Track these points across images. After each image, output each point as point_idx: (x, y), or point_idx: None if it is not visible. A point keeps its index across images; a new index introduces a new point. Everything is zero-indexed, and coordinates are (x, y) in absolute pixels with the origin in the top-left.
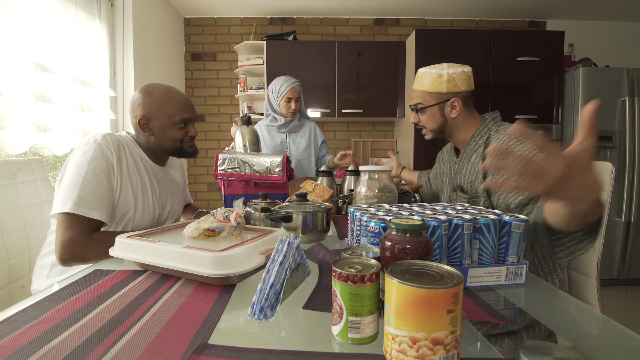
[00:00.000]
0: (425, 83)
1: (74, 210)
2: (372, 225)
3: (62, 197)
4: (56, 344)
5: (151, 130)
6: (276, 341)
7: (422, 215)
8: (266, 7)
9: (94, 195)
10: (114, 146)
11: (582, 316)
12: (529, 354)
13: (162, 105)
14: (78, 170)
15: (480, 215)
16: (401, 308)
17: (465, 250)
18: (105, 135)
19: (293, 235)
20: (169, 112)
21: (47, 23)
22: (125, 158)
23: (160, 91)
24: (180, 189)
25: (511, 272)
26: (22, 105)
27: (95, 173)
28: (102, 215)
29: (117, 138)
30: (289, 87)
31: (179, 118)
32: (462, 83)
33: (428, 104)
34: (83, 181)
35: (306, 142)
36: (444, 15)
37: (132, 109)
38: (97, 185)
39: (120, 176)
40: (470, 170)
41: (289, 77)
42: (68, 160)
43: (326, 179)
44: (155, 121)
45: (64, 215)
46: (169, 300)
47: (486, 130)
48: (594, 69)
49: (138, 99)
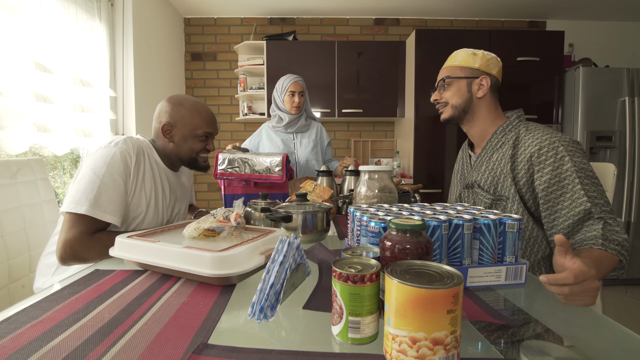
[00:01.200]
0: (459, 58)
1: (89, 212)
2: (372, 225)
3: (77, 197)
4: (56, 344)
5: (172, 138)
6: (276, 341)
7: (422, 215)
8: (266, 7)
9: (109, 199)
10: (134, 150)
11: (582, 316)
12: (529, 354)
13: (188, 116)
14: (96, 172)
15: (480, 215)
16: (401, 308)
17: (465, 250)
18: (127, 139)
19: (293, 235)
20: (194, 124)
21: (47, 23)
22: (143, 163)
23: (190, 103)
24: (188, 194)
25: (511, 271)
26: (22, 105)
27: (113, 176)
28: (116, 219)
29: (138, 143)
30: (292, 81)
31: (202, 131)
32: (494, 67)
33: (456, 75)
34: (100, 183)
35: (313, 142)
36: (444, 15)
37: (158, 115)
38: (114, 189)
39: (136, 181)
40: (491, 169)
41: (291, 74)
42: (85, 160)
43: (326, 179)
44: (178, 130)
45: (72, 214)
46: (169, 301)
47: (511, 128)
48: (594, 69)
49: (166, 106)
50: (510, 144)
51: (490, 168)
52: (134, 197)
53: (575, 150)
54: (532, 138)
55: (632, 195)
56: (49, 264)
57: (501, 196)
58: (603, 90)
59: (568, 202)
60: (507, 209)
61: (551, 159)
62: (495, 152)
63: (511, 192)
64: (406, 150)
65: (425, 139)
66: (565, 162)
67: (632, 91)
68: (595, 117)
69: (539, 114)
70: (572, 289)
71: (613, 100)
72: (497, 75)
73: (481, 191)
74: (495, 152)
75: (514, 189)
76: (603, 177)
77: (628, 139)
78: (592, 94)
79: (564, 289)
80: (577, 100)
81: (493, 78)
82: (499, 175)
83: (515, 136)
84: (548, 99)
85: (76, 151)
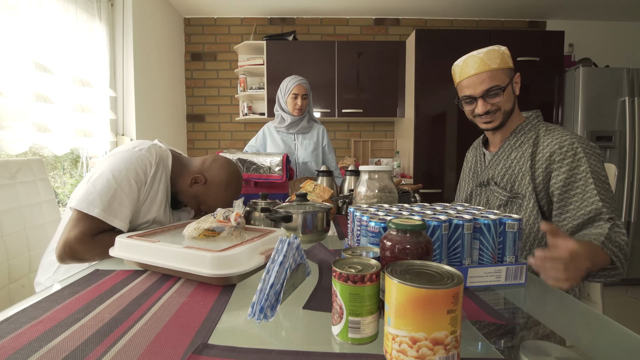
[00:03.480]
0: (495, 60)
1: (100, 215)
2: (372, 225)
3: (90, 197)
4: (56, 344)
5: (190, 185)
6: (276, 341)
7: (422, 215)
8: (266, 7)
9: (121, 204)
10: (155, 160)
11: (582, 316)
12: (529, 354)
13: (223, 190)
14: (115, 175)
15: (480, 215)
16: (401, 308)
17: (465, 250)
18: (151, 147)
19: (293, 235)
20: (219, 196)
21: (47, 23)
22: (159, 174)
23: (234, 180)
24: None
25: (511, 272)
26: (22, 105)
27: (130, 181)
28: (123, 225)
29: (160, 152)
30: (295, 84)
31: (220, 202)
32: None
33: (505, 83)
34: (117, 187)
35: (314, 144)
36: (444, 15)
37: (204, 161)
38: (128, 194)
39: (150, 189)
40: (509, 167)
41: (297, 75)
42: (105, 160)
43: (326, 179)
44: (204, 189)
45: (81, 213)
46: (169, 301)
47: (530, 127)
48: (594, 69)
49: (217, 166)
50: (530, 142)
51: (507, 166)
52: (145, 204)
53: (592, 154)
54: (552, 137)
55: (632, 195)
56: (52, 261)
57: (517, 194)
58: (603, 90)
59: (580, 202)
60: (522, 207)
61: (569, 158)
62: (514, 150)
63: (528, 190)
64: (406, 150)
65: (425, 139)
66: (582, 163)
67: (632, 91)
68: (595, 117)
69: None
70: (567, 265)
71: (613, 100)
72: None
73: (497, 188)
74: (514, 151)
75: (532, 187)
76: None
77: (628, 139)
78: (592, 94)
79: (559, 265)
80: (577, 100)
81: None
82: (517, 173)
83: (535, 135)
84: (548, 99)
85: (76, 151)
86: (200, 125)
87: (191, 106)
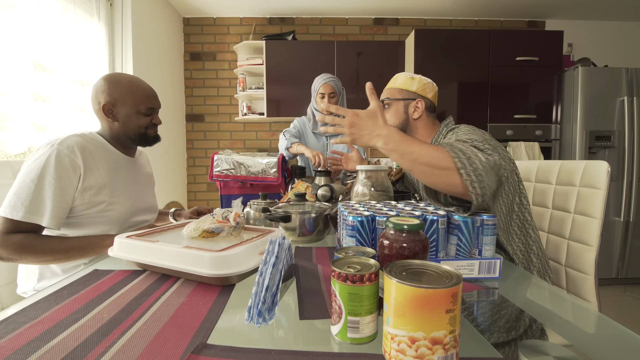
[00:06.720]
0: (398, 81)
1: (25, 218)
2: (350, 219)
3: (12, 202)
4: (55, 344)
5: (115, 117)
6: (275, 341)
7: (399, 212)
8: (265, 7)
9: (43, 202)
10: (78, 148)
11: (580, 316)
12: (528, 353)
13: (127, 93)
14: (32, 177)
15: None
16: (400, 308)
17: (440, 244)
18: (64, 139)
19: (282, 235)
20: (135, 101)
21: (46, 23)
22: (91, 156)
23: (127, 80)
24: (151, 178)
25: (484, 265)
26: (21, 105)
27: (48, 179)
28: (52, 222)
29: (76, 139)
30: (322, 82)
31: (144, 107)
32: (429, 91)
33: (394, 97)
34: (35, 188)
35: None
36: (443, 15)
37: (95, 96)
38: (51, 191)
39: (88, 174)
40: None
41: (327, 73)
42: (24, 163)
43: (324, 178)
44: (119, 108)
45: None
46: (168, 300)
47: (438, 134)
48: (592, 69)
49: (102, 85)
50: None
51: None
52: (91, 189)
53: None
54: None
55: (631, 195)
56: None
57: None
58: (602, 90)
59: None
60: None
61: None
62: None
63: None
64: None
65: None
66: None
67: (631, 91)
68: (594, 117)
69: (538, 113)
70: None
71: (612, 100)
72: (433, 99)
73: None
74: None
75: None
76: (595, 175)
77: (627, 139)
78: (591, 94)
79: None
80: (576, 100)
81: (428, 101)
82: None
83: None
84: (547, 98)
85: None
86: (199, 125)
87: (190, 106)
